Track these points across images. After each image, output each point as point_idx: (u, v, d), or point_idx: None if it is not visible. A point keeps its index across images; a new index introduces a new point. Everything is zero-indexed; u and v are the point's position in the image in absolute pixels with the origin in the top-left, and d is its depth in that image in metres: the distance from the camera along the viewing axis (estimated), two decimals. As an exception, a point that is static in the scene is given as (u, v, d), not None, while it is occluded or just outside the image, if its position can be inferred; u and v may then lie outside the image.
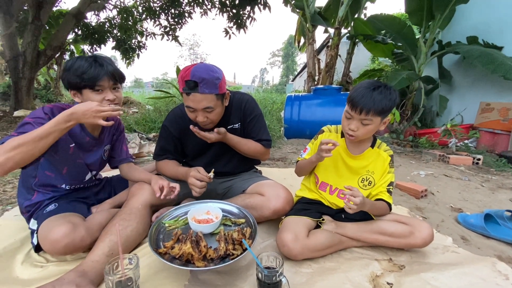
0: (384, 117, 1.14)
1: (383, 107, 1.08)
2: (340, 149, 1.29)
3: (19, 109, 4.98)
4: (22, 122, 1.05)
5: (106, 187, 1.52)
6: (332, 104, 4.34)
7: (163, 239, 1.07)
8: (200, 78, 1.16)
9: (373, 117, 1.10)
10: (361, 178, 1.28)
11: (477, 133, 3.79)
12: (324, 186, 1.34)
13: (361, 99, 1.08)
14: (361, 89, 1.10)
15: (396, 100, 1.11)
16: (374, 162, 1.27)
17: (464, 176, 2.64)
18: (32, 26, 4.77)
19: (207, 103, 1.21)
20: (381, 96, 1.07)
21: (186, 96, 1.21)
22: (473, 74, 4.52)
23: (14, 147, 0.91)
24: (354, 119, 1.13)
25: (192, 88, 1.17)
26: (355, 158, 1.28)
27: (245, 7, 6.06)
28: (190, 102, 1.22)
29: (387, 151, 1.28)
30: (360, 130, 1.14)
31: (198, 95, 1.18)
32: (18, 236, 1.25)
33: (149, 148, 3.10)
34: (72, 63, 1.11)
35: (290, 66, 42.91)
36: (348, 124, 1.16)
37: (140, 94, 14.35)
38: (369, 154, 1.27)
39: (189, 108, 1.25)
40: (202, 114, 1.25)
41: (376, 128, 1.16)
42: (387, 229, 1.21)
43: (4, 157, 0.90)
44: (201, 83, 1.16)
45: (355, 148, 1.28)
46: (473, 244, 1.43)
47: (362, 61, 9.17)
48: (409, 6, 4.54)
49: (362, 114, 1.09)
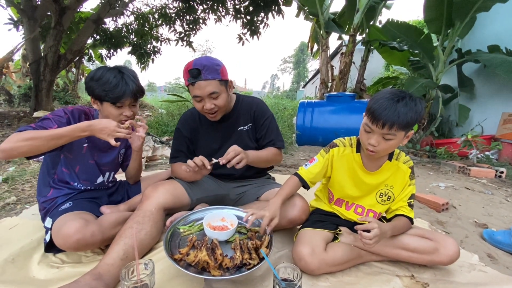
0: (408, 131, 1.02)
1: (408, 120, 0.96)
2: (355, 165, 1.20)
3: (38, 110, 5.15)
4: (42, 117, 1.13)
5: (120, 189, 1.54)
6: (346, 112, 4.27)
7: (178, 245, 1.05)
8: (201, 65, 1.22)
9: (397, 131, 0.98)
10: (379, 193, 1.20)
11: (499, 144, 3.63)
12: (340, 202, 1.29)
13: (384, 111, 0.96)
14: (383, 100, 0.98)
15: (422, 112, 0.99)
16: (393, 176, 1.18)
17: (487, 190, 2.51)
18: (54, 31, 4.96)
19: (212, 88, 1.24)
20: (407, 108, 0.95)
21: (192, 87, 1.26)
22: (494, 83, 4.36)
23: (26, 138, 0.98)
24: (374, 133, 1.02)
25: (195, 76, 1.23)
26: (373, 174, 1.19)
27: (259, 14, 6.12)
28: (196, 90, 1.26)
29: (407, 163, 1.19)
30: (381, 145, 1.02)
31: (202, 82, 1.23)
32: (35, 236, 1.27)
33: (163, 151, 3.12)
34: (100, 75, 1.16)
35: (301, 72, 42.90)
36: (368, 139, 1.04)
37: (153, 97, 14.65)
38: (387, 167, 1.18)
39: (196, 97, 1.28)
40: (209, 101, 1.27)
41: (399, 143, 1.04)
42: (410, 244, 1.15)
43: (13, 145, 0.97)
44: (204, 70, 1.22)
45: (371, 164, 1.18)
46: (501, 263, 1.35)
47: (376, 69, 9.06)
48: (428, 15, 4.44)
49: (385, 128, 0.97)
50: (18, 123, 4.46)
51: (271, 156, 1.44)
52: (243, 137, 1.47)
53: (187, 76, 1.25)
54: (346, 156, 1.21)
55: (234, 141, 1.46)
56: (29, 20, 5.01)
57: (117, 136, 1.10)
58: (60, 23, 4.95)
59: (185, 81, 1.30)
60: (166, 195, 1.28)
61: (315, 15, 6.40)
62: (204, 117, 1.47)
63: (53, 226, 1.08)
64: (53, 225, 1.08)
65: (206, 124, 1.48)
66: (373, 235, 0.95)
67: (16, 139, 0.98)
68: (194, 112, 1.49)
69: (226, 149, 1.45)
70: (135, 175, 1.54)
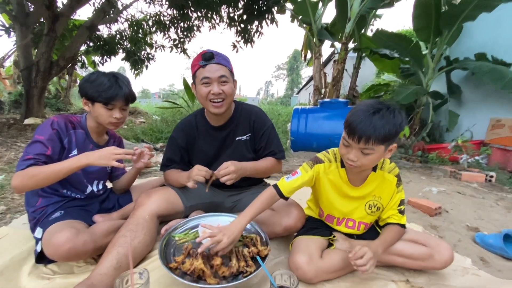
0: (388, 145, 0.97)
1: (385, 134, 0.90)
2: (341, 182, 1.16)
3: (29, 117, 5.06)
4: (33, 140, 1.13)
5: (111, 196, 1.51)
6: (339, 118, 4.32)
7: (174, 253, 1.04)
8: (215, 52, 1.28)
9: (375, 145, 0.92)
10: (368, 204, 1.17)
11: (488, 149, 3.72)
12: (330, 219, 1.26)
13: (359, 124, 0.91)
14: (359, 112, 0.93)
15: (402, 123, 0.93)
16: (380, 187, 1.15)
17: (478, 194, 2.56)
18: (47, 38, 4.91)
19: (223, 72, 1.26)
20: (383, 121, 0.90)
21: (203, 69, 1.26)
22: (482, 90, 4.49)
23: (30, 176, 1.05)
24: (353, 148, 0.97)
25: (208, 59, 1.25)
26: (358, 188, 1.16)
27: (253, 22, 6.20)
28: (206, 72, 1.25)
29: (392, 172, 1.15)
30: (360, 160, 0.97)
31: (215, 65, 1.26)
32: (25, 246, 1.23)
33: (157, 158, 3.09)
34: (95, 77, 1.20)
35: (294, 79, 43.38)
36: (347, 153, 1.00)
37: (147, 104, 14.56)
38: (372, 178, 1.14)
39: (205, 79, 1.26)
40: (218, 85, 1.26)
41: (380, 157, 0.99)
42: (405, 250, 1.16)
43: (21, 184, 1.05)
44: (217, 55, 1.27)
45: (356, 178, 1.14)
46: (493, 266, 1.37)
47: (367, 76, 9.23)
48: (417, 24, 4.57)
49: (361, 142, 0.92)
50: (8, 130, 4.37)
51: (270, 167, 1.43)
52: (240, 147, 1.45)
53: (199, 60, 1.27)
54: (332, 172, 1.16)
55: (231, 151, 1.45)
56: (21, 27, 4.97)
57: (116, 158, 1.11)
58: (53, 30, 4.91)
59: (194, 69, 1.30)
60: (160, 202, 1.27)
61: (308, 24, 6.53)
62: (202, 125, 1.47)
63: (43, 236, 1.06)
64: (44, 235, 1.05)
65: (203, 133, 1.46)
66: (366, 261, 0.95)
67: (22, 177, 1.04)
68: (192, 120, 1.48)
69: (222, 160, 1.46)
70: (124, 188, 1.54)
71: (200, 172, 1.22)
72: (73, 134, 1.23)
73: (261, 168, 1.40)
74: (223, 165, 1.23)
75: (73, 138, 1.22)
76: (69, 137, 1.21)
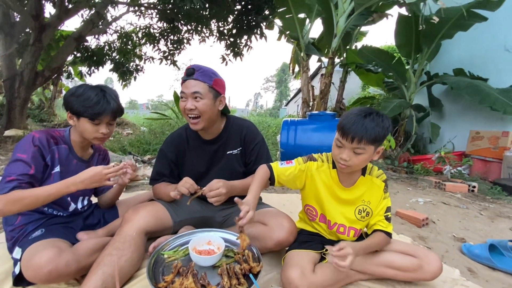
0: (377, 146, 1.06)
1: (376, 135, 1.01)
2: (331, 181, 1.22)
3: (10, 129, 4.87)
4: (14, 158, 1.07)
5: (95, 212, 1.46)
6: (327, 129, 4.40)
7: (163, 272, 1.00)
8: (198, 67, 1.29)
9: (366, 145, 1.02)
10: (357, 209, 1.21)
11: (470, 160, 3.87)
12: (324, 218, 1.28)
13: (352, 126, 1.01)
14: (352, 115, 1.04)
15: (389, 128, 1.05)
16: (369, 191, 1.21)
17: (462, 204, 2.64)
18: (33, 48, 4.82)
19: (197, 88, 1.27)
20: (373, 123, 1.01)
21: (184, 83, 1.30)
22: (461, 104, 4.72)
23: (14, 201, 0.99)
24: (345, 148, 1.05)
25: (189, 74, 1.28)
26: (349, 190, 1.21)
27: (242, 36, 6.33)
28: (184, 87, 1.29)
29: (380, 177, 1.23)
30: (352, 160, 1.05)
31: (192, 81, 1.27)
32: (2, 268, 1.15)
33: (144, 171, 3.03)
34: (82, 91, 1.16)
35: (283, 91, 44.17)
36: (340, 153, 1.07)
37: (134, 115, 14.36)
38: (361, 183, 1.21)
39: (182, 93, 1.30)
40: (191, 101, 1.27)
41: (370, 157, 1.08)
42: (395, 262, 1.17)
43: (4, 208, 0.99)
44: (198, 71, 1.28)
45: (346, 180, 1.21)
46: (481, 277, 1.40)
47: (353, 89, 9.54)
48: (399, 40, 4.84)
49: (354, 142, 1.02)
50: (-14, 142, 4.18)
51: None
52: (231, 161, 1.44)
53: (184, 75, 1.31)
54: (323, 171, 1.24)
55: (222, 165, 1.44)
56: (5, 37, 4.86)
57: (108, 177, 1.10)
58: (39, 40, 4.83)
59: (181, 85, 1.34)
60: (148, 217, 1.23)
61: (296, 39, 6.72)
62: (192, 139, 1.45)
63: (22, 256, 1.00)
64: (23, 256, 0.99)
65: (193, 146, 1.45)
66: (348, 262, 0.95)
67: (5, 202, 0.98)
68: (182, 133, 1.47)
69: (213, 174, 1.44)
70: (110, 203, 1.49)
71: (185, 184, 1.21)
72: (55, 150, 1.18)
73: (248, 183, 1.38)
74: (213, 184, 1.21)
75: (56, 154, 1.17)
76: (51, 154, 1.16)
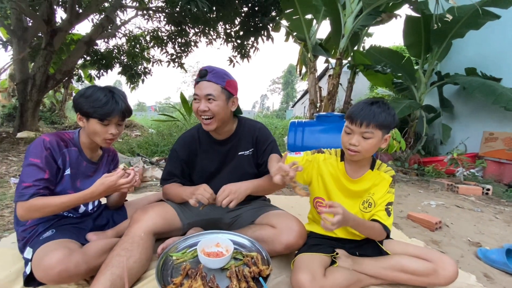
0: (385, 133, 1.11)
1: (382, 120, 1.07)
2: (339, 173, 1.25)
3: (22, 131, 4.99)
4: (28, 163, 1.09)
5: (104, 213, 1.46)
6: (335, 131, 4.34)
7: (171, 274, 0.99)
8: (211, 68, 1.29)
9: (374, 129, 1.08)
10: (362, 201, 1.23)
11: (484, 162, 3.76)
12: None
13: (361, 111, 1.08)
14: (360, 104, 1.12)
15: (395, 116, 1.12)
16: (375, 185, 1.22)
17: (476, 207, 2.56)
18: (45, 52, 4.94)
19: (210, 90, 1.26)
20: (380, 109, 1.08)
21: (197, 85, 1.30)
22: (473, 104, 4.61)
23: (37, 209, 1.04)
24: (354, 134, 1.11)
25: (201, 76, 1.28)
26: (355, 182, 1.23)
27: (249, 38, 6.35)
28: (197, 89, 1.29)
29: (388, 172, 1.24)
30: (361, 145, 1.10)
31: (205, 83, 1.27)
32: (14, 268, 1.17)
33: (152, 172, 3.04)
34: (91, 92, 1.17)
35: (290, 93, 44.05)
36: (349, 139, 1.12)
37: (142, 117, 14.52)
38: (369, 176, 1.23)
39: (195, 96, 1.30)
40: (204, 102, 1.27)
41: (378, 143, 1.12)
42: (409, 266, 1.13)
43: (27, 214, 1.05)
44: (211, 73, 1.28)
45: (354, 172, 1.24)
46: (498, 283, 1.34)
47: (361, 90, 9.42)
48: (408, 41, 4.76)
49: (363, 126, 1.08)
50: (0, 143, 4.29)
51: (272, 185, 1.39)
52: (242, 162, 1.43)
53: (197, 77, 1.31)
54: (331, 163, 1.28)
55: (233, 166, 1.43)
56: (18, 41, 4.99)
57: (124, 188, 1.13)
58: (51, 44, 4.94)
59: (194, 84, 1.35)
60: (156, 218, 1.23)
61: (303, 40, 6.69)
62: (204, 139, 1.45)
63: (33, 256, 1.00)
64: (34, 256, 1.00)
65: (205, 146, 1.44)
66: (336, 220, 0.95)
67: (27, 209, 1.03)
68: (194, 133, 1.47)
69: (223, 174, 1.43)
70: (117, 204, 1.49)
71: (205, 194, 1.20)
72: (66, 153, 1.19)
73: (265, 185, 1.37)
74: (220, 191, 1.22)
75: (66, 157, 1.19)
76: (62, 156, 1.17)
